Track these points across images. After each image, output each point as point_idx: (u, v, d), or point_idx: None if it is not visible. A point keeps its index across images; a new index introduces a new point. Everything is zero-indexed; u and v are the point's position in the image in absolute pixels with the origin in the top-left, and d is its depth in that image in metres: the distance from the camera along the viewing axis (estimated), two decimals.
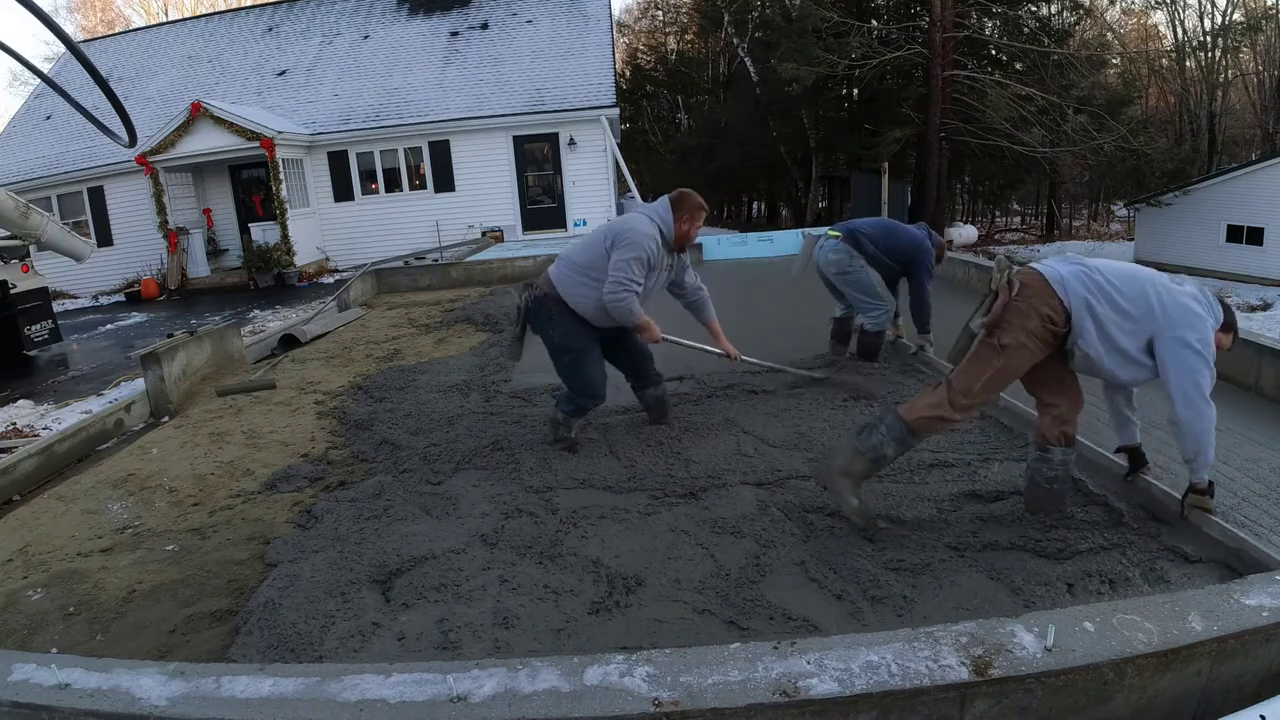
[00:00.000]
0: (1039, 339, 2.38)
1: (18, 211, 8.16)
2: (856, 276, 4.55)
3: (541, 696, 1.48)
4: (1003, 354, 2.39)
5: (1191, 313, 2.30)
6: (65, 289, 15.04)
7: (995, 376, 2.42)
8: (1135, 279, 2.39)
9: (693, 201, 3.46)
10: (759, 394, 4.24)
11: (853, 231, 4.58)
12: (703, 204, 3.48)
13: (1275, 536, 2.53)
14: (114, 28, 30.32)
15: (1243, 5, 23.03)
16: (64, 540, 3.08)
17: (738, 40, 27.71)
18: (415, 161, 15.74)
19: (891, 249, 4.55)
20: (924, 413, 2.50)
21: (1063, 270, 2.42)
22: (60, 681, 1.60)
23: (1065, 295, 2.35)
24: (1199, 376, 2.27)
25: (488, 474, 3.36)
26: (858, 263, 4.54)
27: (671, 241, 3.44)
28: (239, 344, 6.18)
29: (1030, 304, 2.37)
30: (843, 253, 4.54)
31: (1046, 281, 2.39)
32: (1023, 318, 2.37)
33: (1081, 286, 2.36)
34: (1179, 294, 2.34)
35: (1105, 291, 2.35)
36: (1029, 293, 2.39)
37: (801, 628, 2.16)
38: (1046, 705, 1.50)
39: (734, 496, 2.98)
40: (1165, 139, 20.94)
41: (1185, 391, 2.28)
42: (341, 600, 2.39)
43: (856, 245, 4.53)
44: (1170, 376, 2.31)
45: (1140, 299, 2.34)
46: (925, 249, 4.56)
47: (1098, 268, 2.41)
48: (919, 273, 4.58)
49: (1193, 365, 2.26)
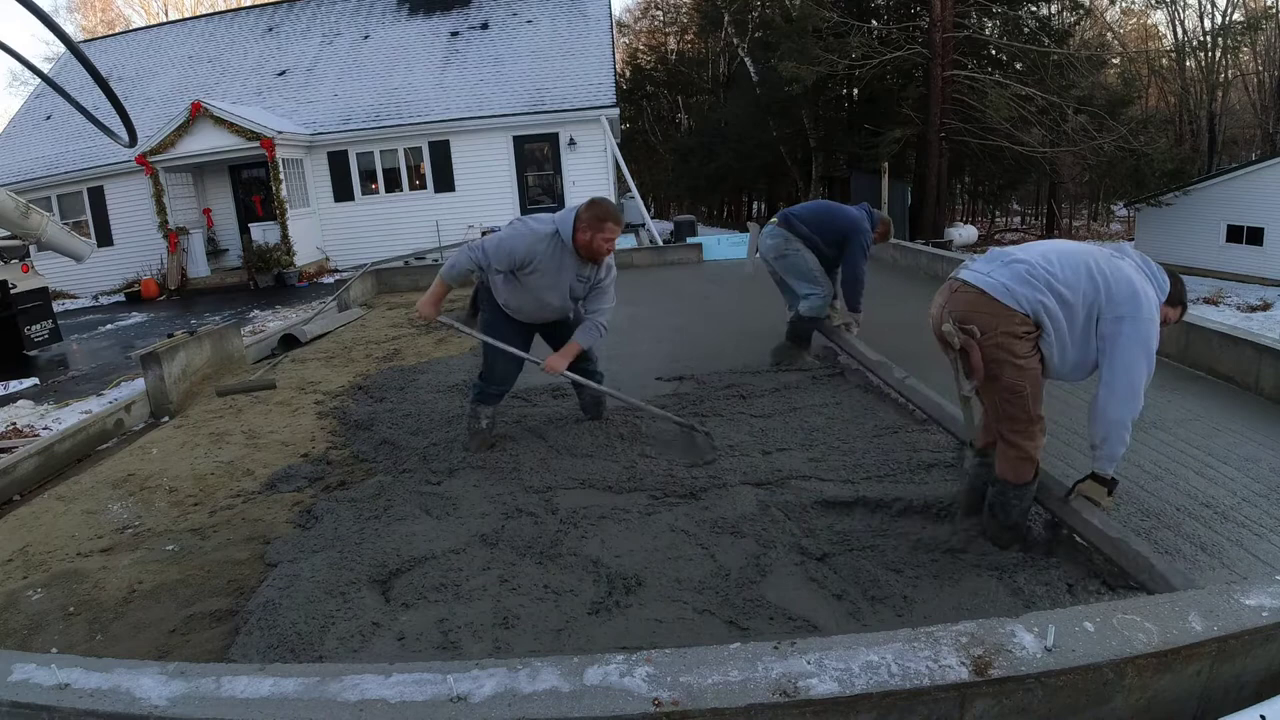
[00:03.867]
0: (1031, 349, 2.24)
1: (18, 211, 8.18)
2: (792, 260, 4.62)
3: (541, 696, 1.48)
4: (1020, 376, 2.23)
5: (1135, 289, 2.17)
6: (65, 289, 15.04)
7: (1034, 394, 2.26)
8: (1074, 258, 2.24)
9: (596, 212, 3.26)
10: (758, 395, 4.23)
11: (787, 216, 4.70)
12: (609, 215, 3.28)
13: (1275, 536, 2.53)
14: (114, 28, 30.33)
15: (1243, 5, 23.03)
16: (64, 540, 3.08)
17: (738, 40, 27.74)
18: (415, 161, 15.74)
19: (824, 228, 4.61)
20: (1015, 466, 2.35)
21: (1000, 275, 2.25)
22: (60, 681, 1.60)
23: (1016, 303, 2.20)
24: (1134, 363, 2.15)
25: (488, 474, 3.36)
26: (794, 245, 4.61)
27: (573, 248, 3.29)
28: (239, 344, 6.18)
29: (998, 336, 2.21)
30: (778, 237, 4.65)
31: (993, 299, 2.22)
32: (1004, 350, 2.21)
33: (1029, 288, 2.20)
34: (1122, 269, 2.20)
35: (1051, 286, 2.20)
36: (987, 324, 2.21)
37: (801, 628, 2.16)
38: (1046, 705, 1.50)
39: (734, 496, 2.98)
40: (1165, 139, 20.92)
41: (1113, 376, 2.17)
42: (341, 600, 2.39)
43: (790, 228, 4.62)
44: (1103, 357, 2.20)
45: (1085, 280, 2.19)
46: (861, 229, 4.60)
47: (1037, 260, 2.25)
48: (854, 251, 4.62)
49: (1129, 350, 2.15)
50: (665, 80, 33.27)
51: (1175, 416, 3.66)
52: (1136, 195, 17.90)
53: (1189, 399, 3.90)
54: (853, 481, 3.05)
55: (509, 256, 3.28)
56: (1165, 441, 3.36)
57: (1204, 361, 4.32)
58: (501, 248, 3.28)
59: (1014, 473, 2.35)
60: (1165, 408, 3.78)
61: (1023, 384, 2.24)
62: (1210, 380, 4.19)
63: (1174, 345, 4.55)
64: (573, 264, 3.34)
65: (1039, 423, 2.31)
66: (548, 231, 3.28)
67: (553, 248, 3.28)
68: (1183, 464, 3.11)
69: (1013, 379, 2.23)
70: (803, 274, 4.63)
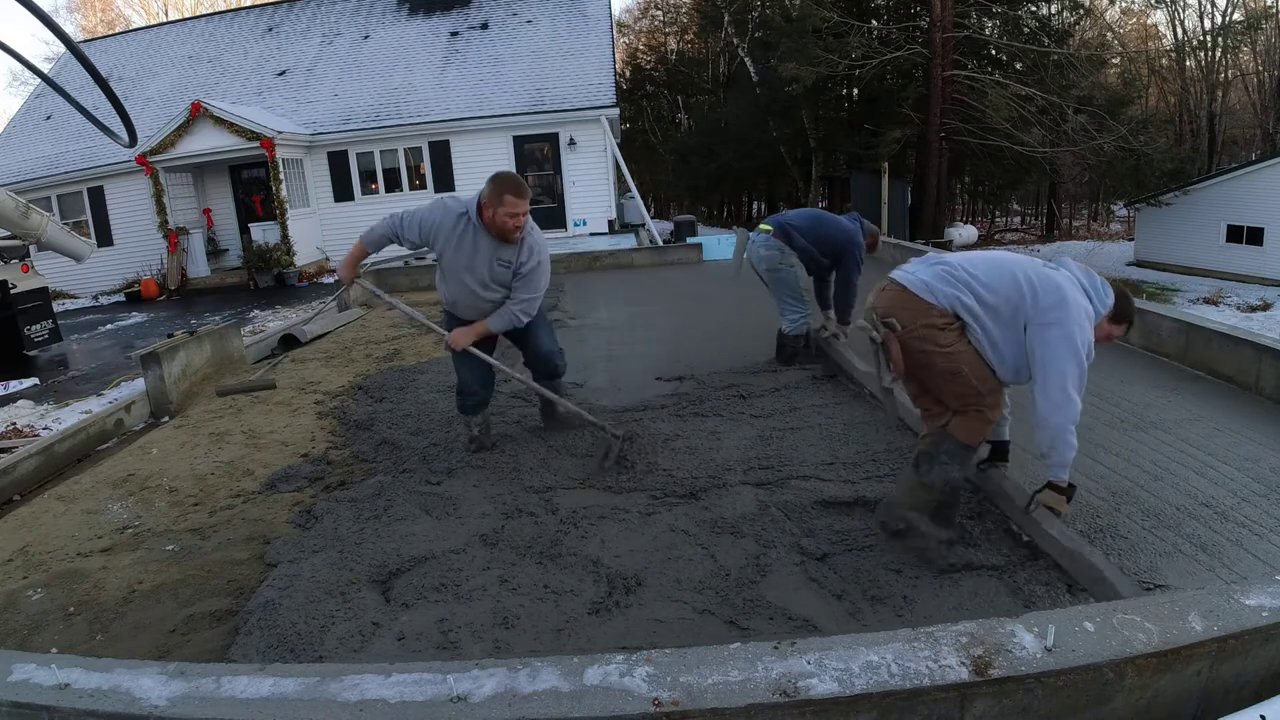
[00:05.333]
0: (956, 338, 2.28)
1: (18, 211, 8.18)
2: (784, 275, 4.59)
3: (541, 696, 1.48)
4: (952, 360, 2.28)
5: (1063, 296, 2.19)
6: (65, 289, 15.03)
7: (974, 372, 2.30)
8: (1000, 266, 2.30)
9: (496, 186, 3.11)
10: (758, 395, 4.23)
11: (783, 225, 4.59)
12: (509, 188, 3.10)
13: (1276, 536, 2.53)
14: (114, 28, 30.32)
15: (1243, 5, 23.03)
16: (64, 540, 3.08)
17: (738, 40, 27.73)
18: (415, 161, 15.73)
19: (822, 240, 4.56)
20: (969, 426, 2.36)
21: (923, 274, 2.34)
22: (60, 681, 1.60)
23: (934, 298, 2.28)
24: (1064, 367, 2.16)
25: (488, 474, 3.36)
26: (789, 260, 4.57)
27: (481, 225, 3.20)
28: (239, 344, 6.18)
29: (919, 329, 2.28)
30: (774, 249, 4.55)
31: (912, 293, 2.31)
32: (927, 341, 2.28)
33: (946, 285, 2.28)
34: (1051, 278, 2.23)
35: (970, 287, 2.26)
36: (908, 317, 2.29)
37: (801, 628, 2.16)
38: (1046, 705, 1.50)
39: (734, 496, 2.98)
40: (1165, 139, 20.94)
41: (1045, 381, 2.19)
42: (341, 600, 2.39)
43: (787, 239, 4.53)
44: (1035, 365, 2.22)
45: (1008, 287, 2.24)
46: (856, 242, 4.59)
47: (959, 263, 2.33)
48: (848, 264, 4.61)
49: (1057, 355, 2.16)
50: (665, 80, 33.26)
51: (1175, 416, 3.66)
52: (1136, 195, 17.89)
53: (1189, 399, 3.90)
54: (853, 481, 3.05)
55: (417, 228, 3.29)
56: (1165, 441, 3.35)
57: (1204, 361, 4.31)
58: (412, 219, 3.31)
59: (964, 431, 2.37)
60: (1165, 408, 3.78)
61: (958, 366, 2.30)
62: (1210, 380, 4.19)
63: (1174, 345, 4.55)
64: (488, 245, 3.22)
65: (993, 394, 2.35)
66: (458, 210, 3.23)
67: (461, 225, 3.22)
68: (1183, 464, 3.11)
69: (945, 364, 2.30)
70: (792, 291, 4.60)
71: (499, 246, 3.23)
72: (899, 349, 2.32)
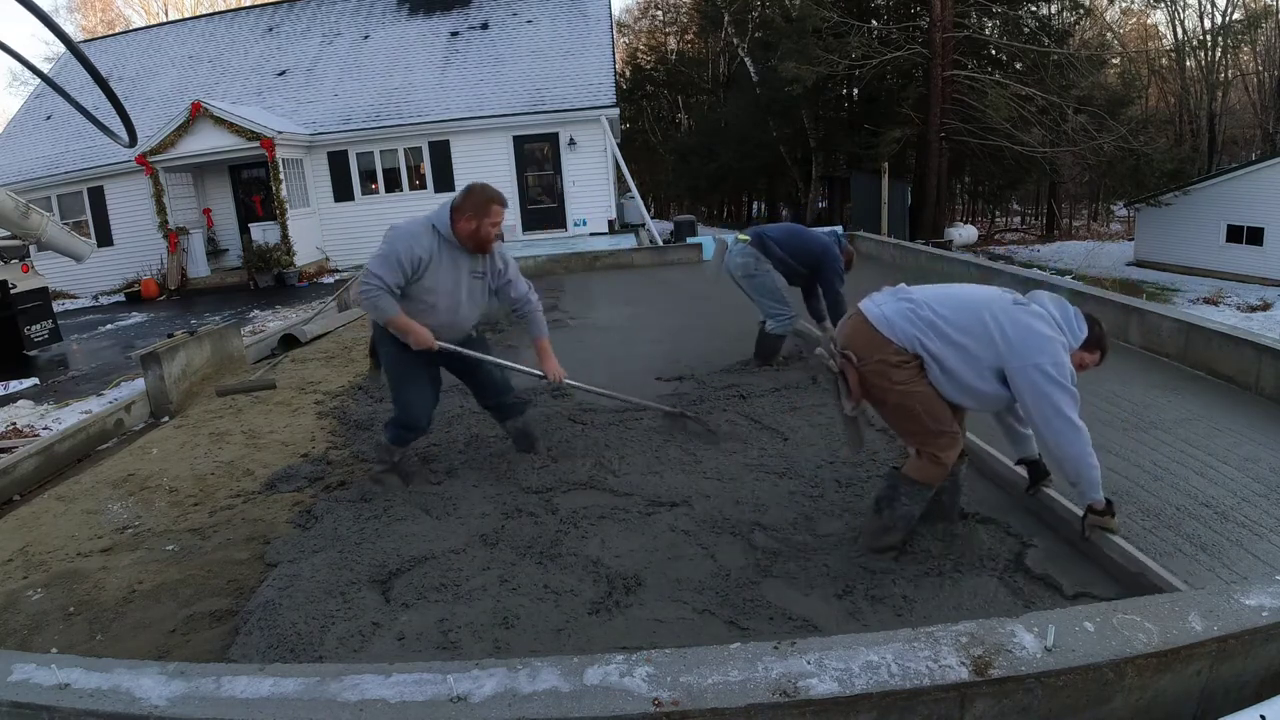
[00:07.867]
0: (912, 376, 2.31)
1: (18, 211, 8.18)
2: (760, 280, 4.69)
3: (541, 696, 1.48)
4: (906, 398, 2.32)
5: (1036, 336, 2.22)
6: (65, 289, 15.02)
7: (927, 411, 2.33)
8: (968, 306, 2.31)
9: (476, 198, 3.00)
10: (758, 395, 4.23)
11: (761, 236, 4.77)
12: (495, 197, 3.03)
13: (1276, 536, 2.53)
14: (114, 28, 30.32)
15: (1243, 5, 23.03)
16: (64, 540, 3.08)
17: (738, 40, 27.72)
18: (415, 161, 15.73)
19: (798, 251, 4.71)
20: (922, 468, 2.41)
21: (888, 309, 2.36)
22: (60, 681, 1.60)
23: (893, 334, 2.31)
24: (1057, 401, 2.18)
25: (487, 474, 3.36)
26: (764, 266, 4.68)
27: (456, 241, 3.03)
28: (239, 344, 6.18)
29: (873, 364, 2.32)
30: (749, 256, 4.69)
31: (873, 329, 2.34)
32: (882, 377, 2.32)
33: (908, 324, 2.31)
34: (1021, 317, 2.26)
35: (935, 326, 2.29)
36: (865, 351, 2.34)
37: (801, 628, 2.16)
38: (1046, 705, 1.50)
39: (734, 496, 2.97)
40: (1165, 139, 20.94)
41: (1045, 418, 2.21)
42: (341, 600, 2.39)
43: (763, 249, 4.68)
44: (1027, 406, 2.25)
45: (976, 327, 2.27)
46: (832, 254, 4.74)
47: (925, 301, 2.34)
48: (829, 276, 4.75)
49: (1046, 392, 2.19)
50: (665, 80, 33.24)
51: (1175, 416, 3.66)
52: (1136, 195, 17.89)
53: (1189, 399, 3.91)
54: (853, 481, 3.05)
55: (398, 266, 2.92)
56: (1165, 441, 3.36)
57: (1204, 361, 4.32)
58: (388, 262, 2.92)
59: (918, 472, 2.42)
60: (1165, 408, 3.78)
61: (911, 404, 2.34)
62: (1210, 380, 4.19)
63: (1174, 345, 4.55)
64: (465, 259, 3.08)
65: (945, 436, 2.37)
66: (423, 231, 3.00)
67: (437, 244, 3.01)
68: (1183, 464, 3.12)
69: (899, 400, 2.35)
70: (770, 293, 4.70)
71: (473, 259, 3.12)
72: (857, 379, 2.36)
